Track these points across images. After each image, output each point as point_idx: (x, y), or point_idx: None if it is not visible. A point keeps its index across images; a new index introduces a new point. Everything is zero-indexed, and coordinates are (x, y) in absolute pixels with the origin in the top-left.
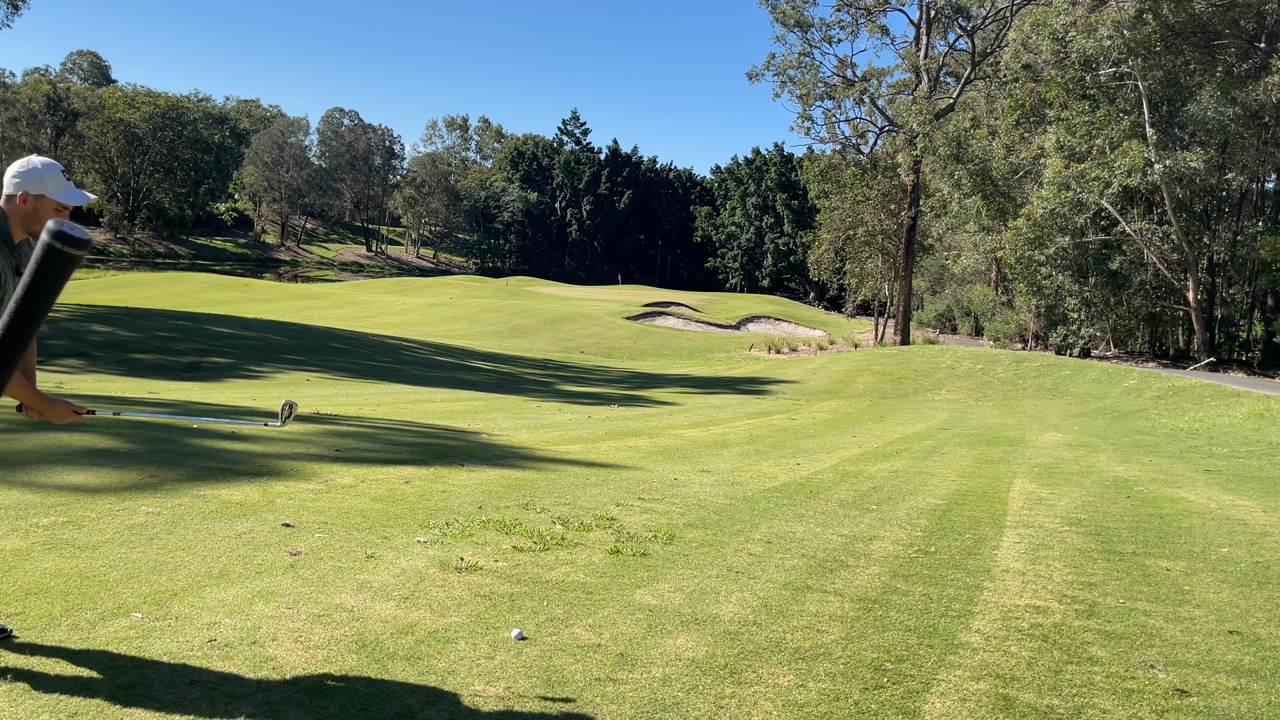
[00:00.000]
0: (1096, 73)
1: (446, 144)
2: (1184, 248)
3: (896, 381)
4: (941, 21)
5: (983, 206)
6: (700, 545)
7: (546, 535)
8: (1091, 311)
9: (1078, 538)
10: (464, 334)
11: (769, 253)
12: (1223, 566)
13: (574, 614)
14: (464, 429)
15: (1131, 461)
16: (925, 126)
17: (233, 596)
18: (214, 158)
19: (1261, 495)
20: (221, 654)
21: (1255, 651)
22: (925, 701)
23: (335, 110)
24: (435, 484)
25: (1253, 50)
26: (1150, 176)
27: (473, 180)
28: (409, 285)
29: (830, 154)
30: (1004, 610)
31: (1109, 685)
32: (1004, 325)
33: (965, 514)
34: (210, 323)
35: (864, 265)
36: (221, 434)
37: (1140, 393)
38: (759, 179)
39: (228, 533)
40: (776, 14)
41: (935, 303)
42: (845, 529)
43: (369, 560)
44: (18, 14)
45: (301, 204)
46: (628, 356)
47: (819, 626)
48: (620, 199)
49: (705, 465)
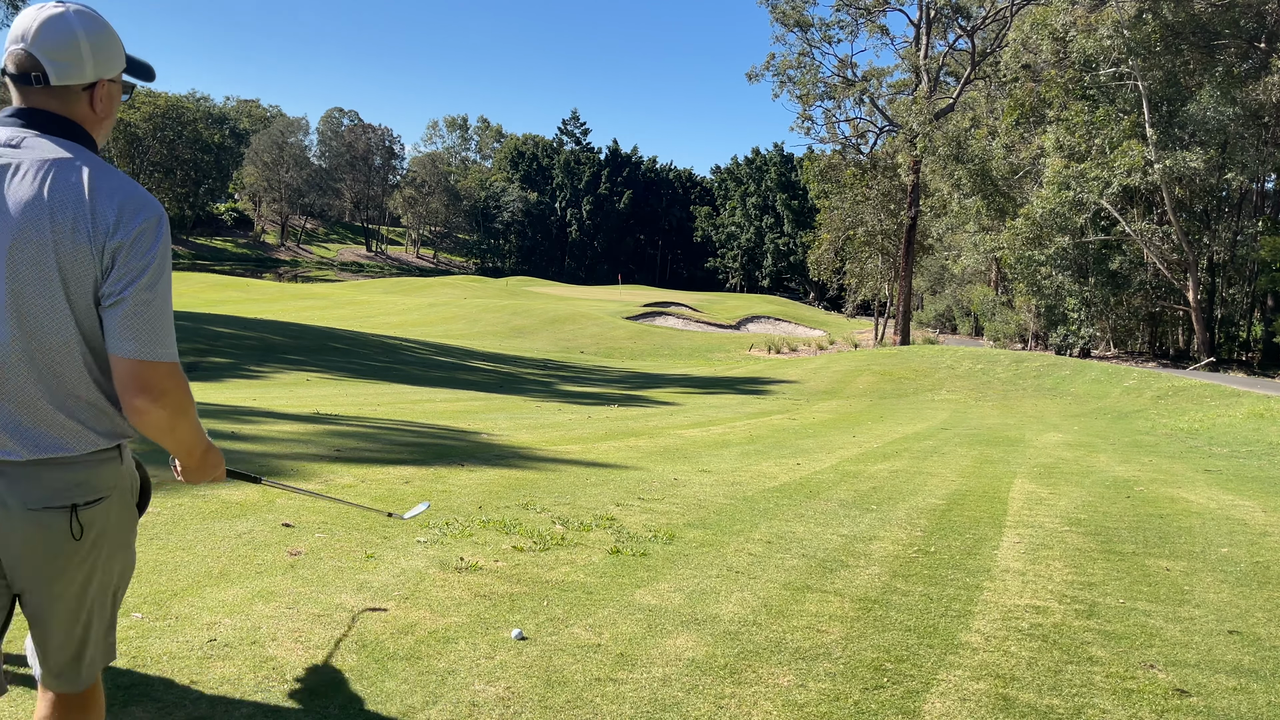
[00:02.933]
0: (1096, 73)
1: (446, 144)
2: (1184, 248)
3: (896, 381)
4: (941, 21)
5: (983, 206)
6: (700, 545)
7: (546, 535)
8: (1091, 311)
9: (1078, 538)
10: (464, 334)
11: (769, 253)
12: (1223, 566)
13: (574, 614)
14: (464, 429)
15: (1131, 461)
16: (925, 126)
17: (233, 596)
18: (214, 158)
19: (1261, 495)
20: (221, 654)
21: (1255, 651)
22: (925, 701)
23: (335, 110)
24: (435, 484)
25: (1253, 50)
26: (1150, 176)
27: (473, 180)
28: (409, 285)
29: (830, 154)
30: (1004, 610)
31: (1109, 685)
32: (1004, 325)
33: (965, 514)
34: (210, 323)
35: (864, 265)
36: (222, 434)
37: (1140, 393)
38: (759, 179)
39: (228, 533)
40: (776, 14)
41: (935, 303)
42: (845, 529)
43: (369, 560)
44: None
45: (301, 204)
46: (628, 356)
47: (819, 626)
48: (620, 199)
49: (705, 465)
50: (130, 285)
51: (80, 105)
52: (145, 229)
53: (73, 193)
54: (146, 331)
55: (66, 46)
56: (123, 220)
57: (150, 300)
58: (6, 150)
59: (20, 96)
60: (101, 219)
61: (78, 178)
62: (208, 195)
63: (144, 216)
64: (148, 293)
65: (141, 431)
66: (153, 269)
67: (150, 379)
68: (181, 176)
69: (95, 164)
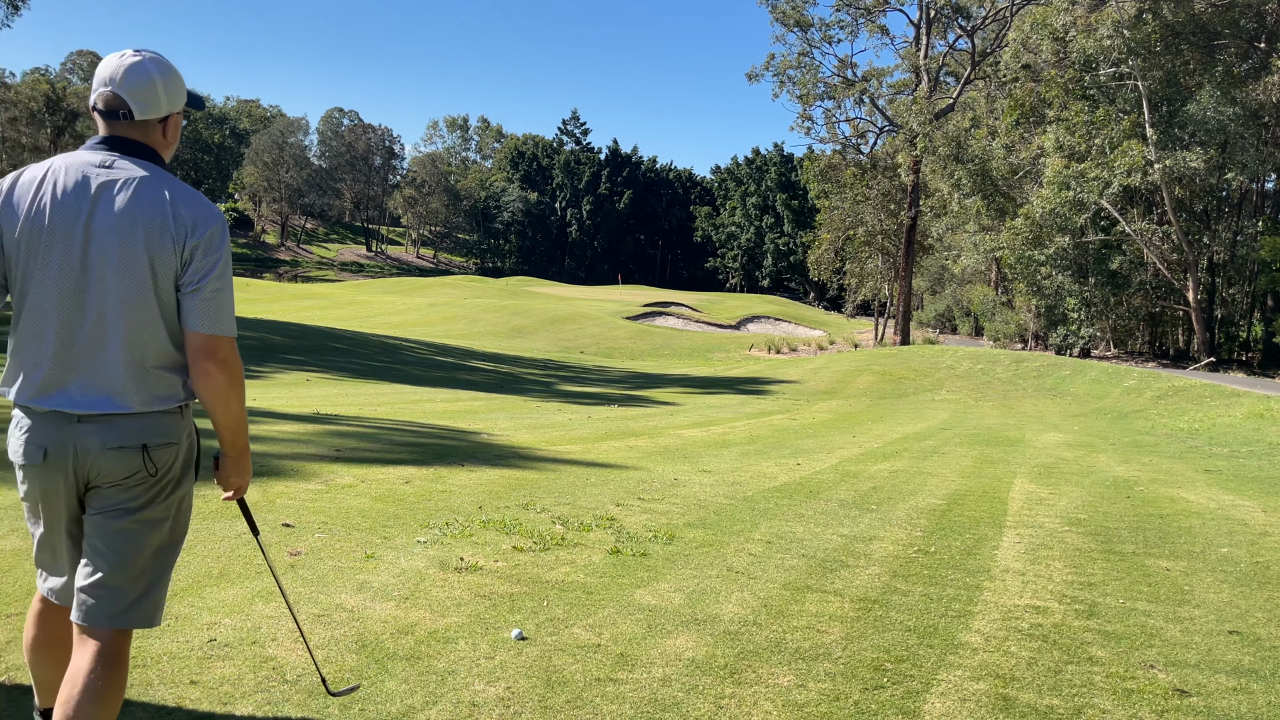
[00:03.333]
0: (1096, 73)
1: (446, 144)
2: (1184, 248)
3: (896, 381)
4: (941, 21)
5: (983, 206)
6: (700, 545)
7: (546, 535)
8: (1091, 311)
9: (1078, 538)
10: (464, 334)
11: (769, 253)
12: (1223, 566)
13: (574, 614)
14: (464, 429)
15: (1131, 461)
16: (925, 126)
17: (233, 596)
18: (214, 158)
19: (1261, 495)
20: (221, 654)
21: (1255, 651)
22: (925, 701)
23: (335, 110)
24: (435, 484)
25: (1253, 50)
26: (1150, 176)
27: (473, 180)
28: (409, 285)
29: (830, 154)
30: (1004, 610)
31: (1109, 685)
32: (1004, 325)
33: (965, 514)
34: None
35: (864, 265)
36: None
37: (1140, 393)
38: (759, 179)
39: (228, 533)
40: (776, 14)
41: (935, 303)
42: (845, 529)
43: (369, 560)
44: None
45: (301, 204)
46: (628, 356)
47: (819, 626)
48: (620, 199)
49: (705, 465)
50: (206, 276)
51: (155, 134)
52: (214, 231)
53: (158, 203)
54: (216, 313)
55: (146, 89)
56: (197, 224)
57: (220, 289)
58: (103, 170)
59: (107, 127)
60: (181, 223)
61: (161, 191)
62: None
63: (213, 222)
64: (219, 282)
65: (204, 395)
66: (221, 263)
67: (217, 349)
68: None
69: (171, 181)
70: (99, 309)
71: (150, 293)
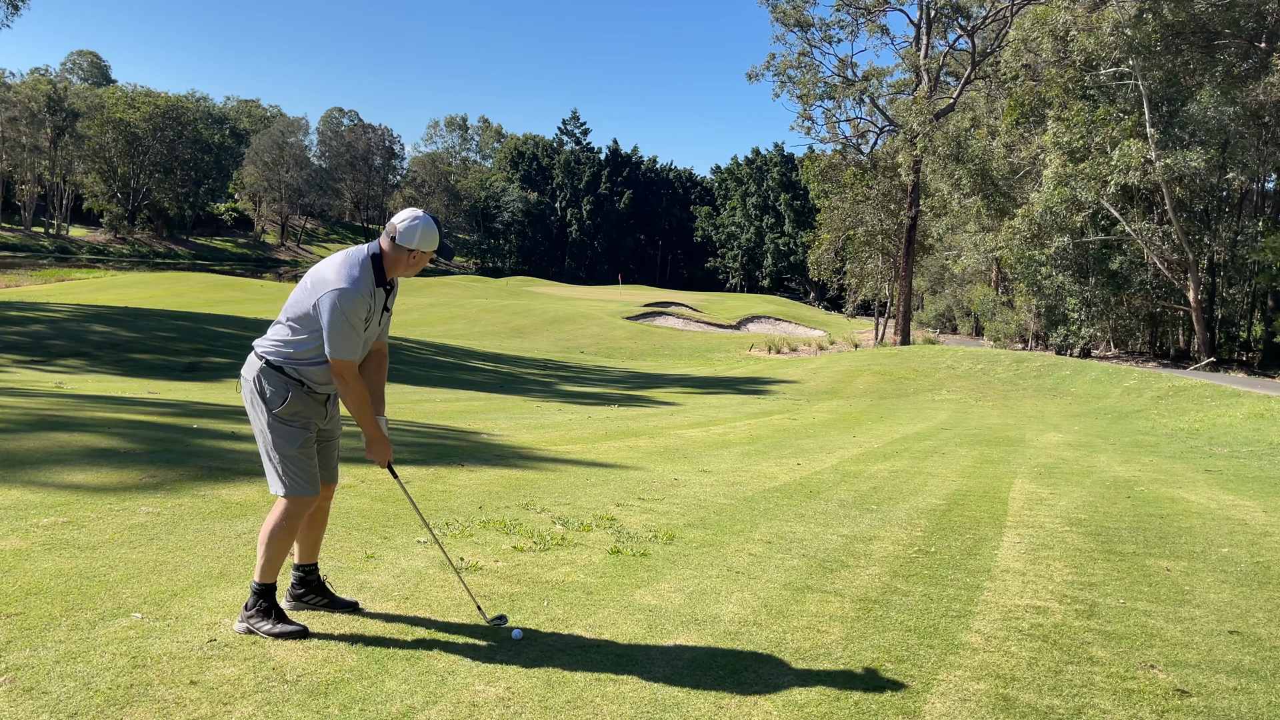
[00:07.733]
0: (1097, 72)
1: (446, 144)
2: (1184, 248)
3: (896, 381)
4: (941, 21)
5: (983, 206)
6: (700, 545)
7: (546, 535)
8: (1092, 311)
9: (1078, 538)
10: (464, 334)
11: (769, 253)
12: (1223, 566)
13: (574, 614)
14: (464, 429)
15: (1132, 461)
16: (925, 126)
17: (233, 596)
18: (214, 158)
19: (1261, 495)
20: (221, 654)
21: (1255, 651)
22: (925, 701)
23: (335, 110)
24: (435, 484)
25: (1253, 50)
26: (1151, 176)
27: (473, 180)
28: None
29: (830, 154)
30: (1004, 610)
31: (1109, 685)
32: (1004, 325)
33: (965, 514)
34: (210, 323)
35: (864, 265)
36: (222, 434)
37: (1140, 393)
38: (759, 179)
39: (228, 533)
40: (776, 14)
41: (935, 303)
42: (845, 529)
43: (369, 560)
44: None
45: (301, 204)
46: (628, 356)
47: (819, 626)
48: (620, 199)
49: (705, 465)
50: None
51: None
52: (323, 295)
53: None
54: (333, 344)
55: (428, 237)
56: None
57: (329, 333)
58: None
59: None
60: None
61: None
62: (208, 195)
63: (327, 289)
64: (329, 330)
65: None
66: (327, 319)
67: (336, 368)
68: (181, 176)
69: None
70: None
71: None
